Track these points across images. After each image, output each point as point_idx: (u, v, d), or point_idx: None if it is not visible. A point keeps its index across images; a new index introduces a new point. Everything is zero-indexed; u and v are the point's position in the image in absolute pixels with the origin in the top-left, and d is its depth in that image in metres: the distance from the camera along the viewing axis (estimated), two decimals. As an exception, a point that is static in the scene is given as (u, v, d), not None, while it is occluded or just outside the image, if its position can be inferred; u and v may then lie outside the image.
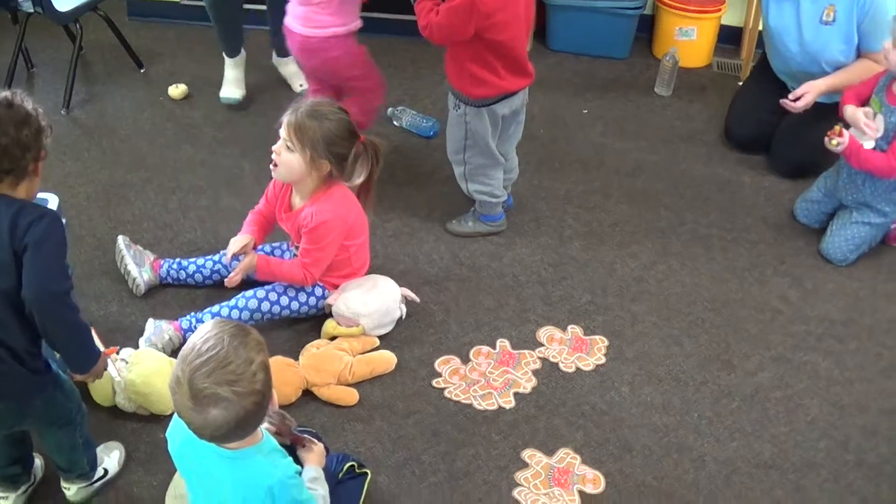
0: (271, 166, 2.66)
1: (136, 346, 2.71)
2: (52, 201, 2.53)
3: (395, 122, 3.89)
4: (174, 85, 4.05)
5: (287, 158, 2.62)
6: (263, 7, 4.08)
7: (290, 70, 4.15)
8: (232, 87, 4.03)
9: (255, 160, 3.62)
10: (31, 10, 3.92)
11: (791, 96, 3.38)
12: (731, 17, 4.42)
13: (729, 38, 4.51)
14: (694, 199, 3.55)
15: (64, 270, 1.96)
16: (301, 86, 4.07)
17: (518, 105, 3.09)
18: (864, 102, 3.10)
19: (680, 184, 3.63)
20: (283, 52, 4.09)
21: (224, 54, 4.00)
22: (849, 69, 3.37)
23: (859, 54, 3.38)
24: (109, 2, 4.20)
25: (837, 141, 2.99)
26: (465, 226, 3.31)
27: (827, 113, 3.30)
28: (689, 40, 4.34)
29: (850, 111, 3.08)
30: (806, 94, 3.33)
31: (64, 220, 2.11)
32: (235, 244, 2.82)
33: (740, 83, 4.21)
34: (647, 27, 4.48)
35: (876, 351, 2.92)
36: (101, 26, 4.20)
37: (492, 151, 3.11)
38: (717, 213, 3.48)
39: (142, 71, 4.27)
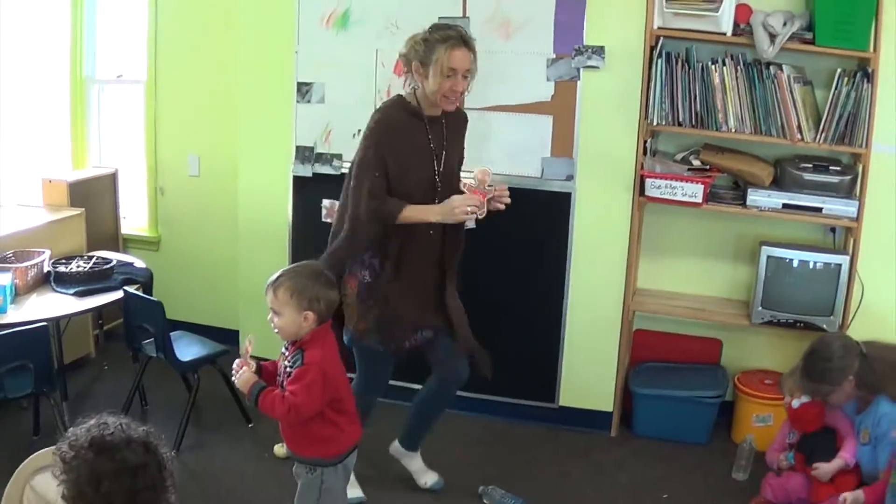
0: None
1: None
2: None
3: (485, 500, 4.28)
4: (280, 444, 4.51)
5: None
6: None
7: (417, 465, 4.38)
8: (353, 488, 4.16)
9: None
10: (154, 355, 4.61)
11: None
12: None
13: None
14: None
15: None
16: (426, 483, 4.33)
17: None
18: None
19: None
20: (412, 445, 4.37)
21: None
22: None
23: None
24: (225, 356, 4.79)
25: None
26: None
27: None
28: (766, 426, 4.79)
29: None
30: None
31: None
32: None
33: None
34: (726, 412, 4.98)
35: None
36: (216, 376, 4.79)
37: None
38: None
39: (250, 426, 4.84)
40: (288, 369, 3.29)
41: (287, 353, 3.33)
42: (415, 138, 3.84)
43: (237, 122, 5.27)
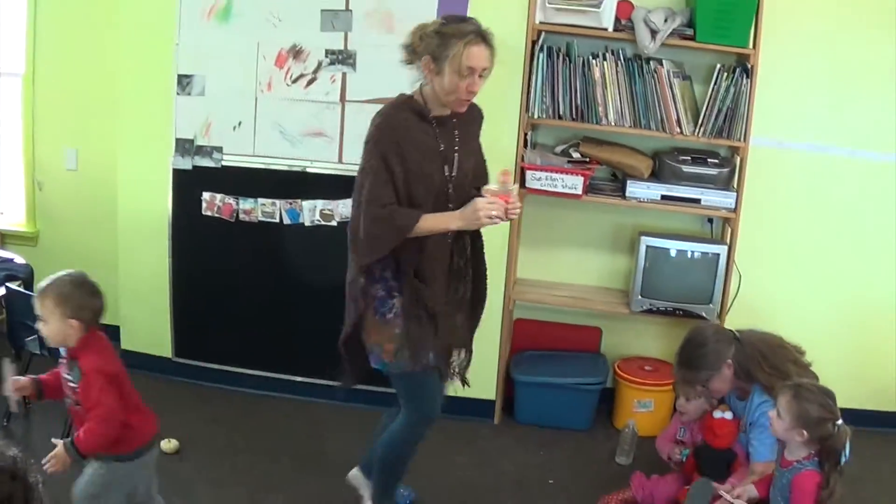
0: None
1: None
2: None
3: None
4: (167, 439, 4.48)
5: None
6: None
7: None
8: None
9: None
10: (37, 352, 4.51)
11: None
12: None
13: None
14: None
15: None
16: None
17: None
18: None
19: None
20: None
21: None
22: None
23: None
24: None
25: None
26: None
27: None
28: (647, 411, 4.95)
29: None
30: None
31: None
32: None
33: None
34: (607, 399, 5.12)
35: None
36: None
37: None
38: None
39: (134, 422, 4.79)
40: (70, 383, 3.31)
41: (64, 362, 3.36)
42: (422, 141, 3.47)
43: (116, 115, 5.17)
